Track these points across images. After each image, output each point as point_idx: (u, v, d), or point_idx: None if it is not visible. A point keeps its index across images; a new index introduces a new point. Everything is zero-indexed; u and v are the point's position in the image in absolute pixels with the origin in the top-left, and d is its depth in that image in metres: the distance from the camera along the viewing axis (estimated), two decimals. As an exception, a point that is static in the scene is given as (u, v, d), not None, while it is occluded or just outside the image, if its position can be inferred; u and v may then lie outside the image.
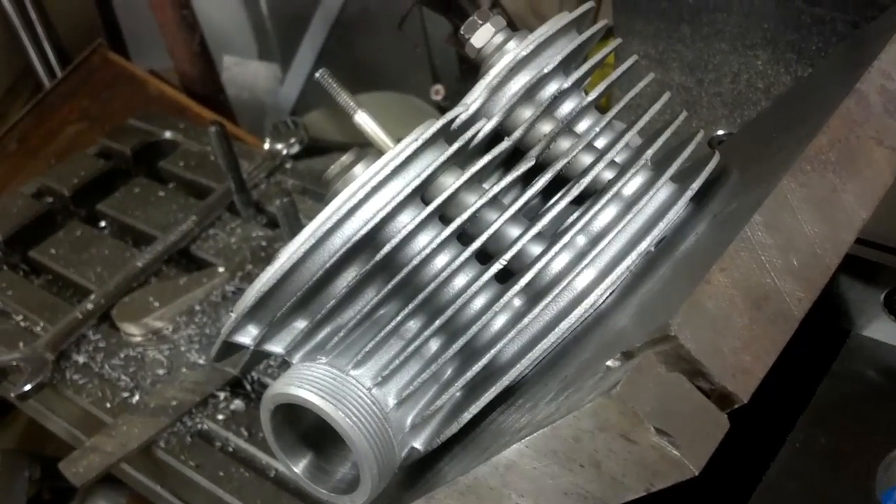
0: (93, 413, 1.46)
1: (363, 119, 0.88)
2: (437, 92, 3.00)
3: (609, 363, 0.55)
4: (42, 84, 2.98)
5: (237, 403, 1.40)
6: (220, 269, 1.61)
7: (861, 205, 0.60)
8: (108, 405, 1.46)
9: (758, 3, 1.51)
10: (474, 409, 0.72)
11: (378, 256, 0.72)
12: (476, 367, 0.72)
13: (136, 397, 1.45)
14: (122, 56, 3.04)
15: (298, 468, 0.77)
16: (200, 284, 1.57)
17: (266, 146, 1.92)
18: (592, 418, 0.52)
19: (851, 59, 0.80)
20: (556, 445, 0.55)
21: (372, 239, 0.74)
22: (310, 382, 0.72)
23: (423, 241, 0.75)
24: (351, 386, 0.72)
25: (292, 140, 1.91)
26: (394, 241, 0.72)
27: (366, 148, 0.82)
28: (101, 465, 1.34)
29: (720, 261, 0.54)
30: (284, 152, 1.91)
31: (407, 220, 0.74)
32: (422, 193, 0.77)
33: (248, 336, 0.77)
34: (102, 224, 1.93)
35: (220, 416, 1.39)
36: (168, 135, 2.09)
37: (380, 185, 0.73)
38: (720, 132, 1.14)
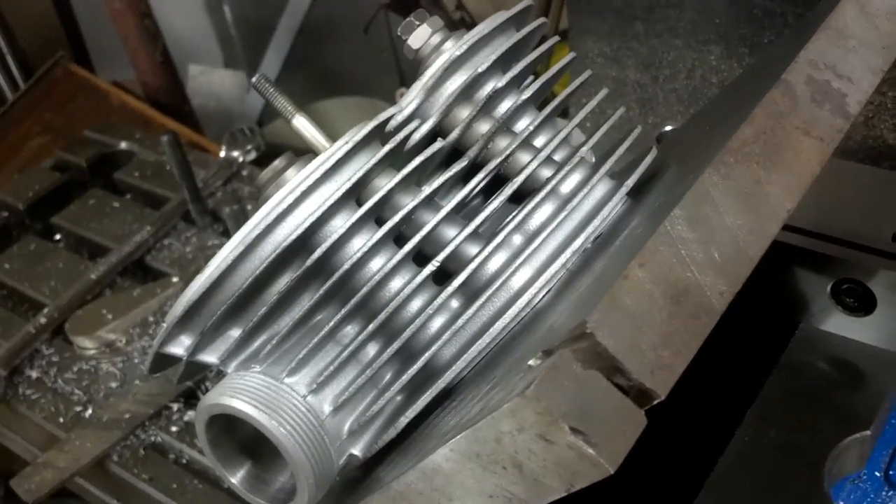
0: (46, 428, 1.44)
1: (301, 124, 0.87)
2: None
3: (531, 362, 0.54)
4: (5, 98, 2.95)
5: (191, 415, 1.39)
6: (175, 280, 1.59)
7: (787, 196, 0.59)
8: (62, 420, 1.44)
9: (709, -2, 1.51)
10: (411, 412, 0.71)
11: (309, 261, 0.71)
12: (411, 371, 0.71)
13: (90, 411, 1.43)
14: (86, 68, 3.02)
15: (236, 478, 0.75)
16: (154, 295, 1.56)
17: (222, 154, 1.90)
18: (511, 419, 0.51)
19: (792, 47, 0.80)
20: (479, 448, 0.54)
21: (305, 243, 0.73)
22: (242, 392, 0.70)
23: (358, 244, 0.74)
24: (285, 394, 0.71)
25: (248, 147, 1.90)
26: (325, 245, 0.71)
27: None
28: (54, 480, 1.32)
29: (639, 256, 0.54)
30: (241, 160, 1.90)
31: (341, 224, 0.73)
32: (358, 197, 0.76)
33: (180, 346, 0.75)
34: (58, 237, 1.91)
35: (174, 428, 1.37)
36: (124, 145, 2.08)
37: (310, 189, 0.72)
38: (668, 128, 1.13)
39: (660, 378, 0.50)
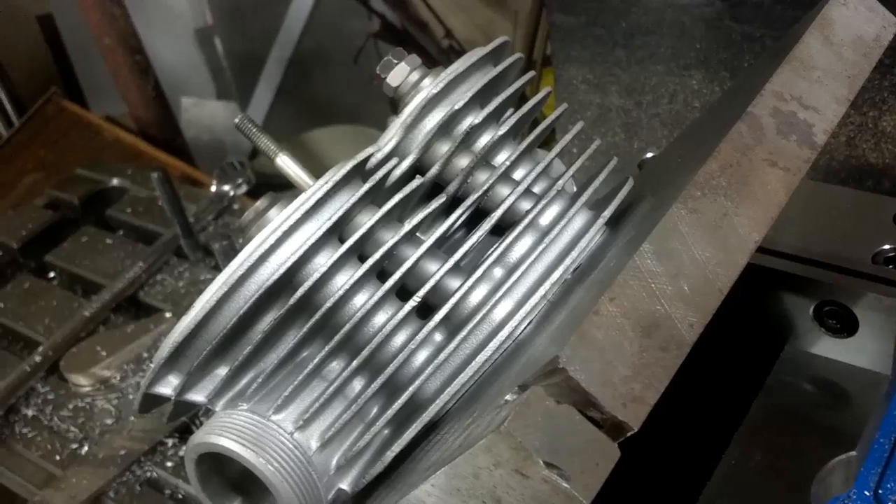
0: (42, 466, 1.44)
1: (285, 162, 0.88)
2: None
3: (507, 397, 0.55)
4: (-1, 135, 2.97)
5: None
6: (168, 315, 1.60)
7: (754, 227, 0.61)
8: (58, 457, 1.45)
9: (689, 24, 1.53)
10: (397, 447, 0.72)
11: (292, 300, 0.72)
12: (396, 405, 0.72)
13: (86, 448, 1.44)
14: (79, 103, 3.04)
15: (227, 515, 0.76)
16: (148, 331, 1.56)
17: (213, 188, 1.92)
18: (487, 455, 0.52)
19: (764, 73, 0.81)
20: (458, 483, 0.55)
21: (289, 282, 0.74)
22: (230, 430, 0.71)
23: (341, 280, 0.75)
24: (272, 431, 0.72)
25: (239, 181, 1.91)
26: (307, 284, 0.72)
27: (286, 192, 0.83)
28: (51, 520, 1.33)
29: (609, 290, 0.55)
30: (232, 193, 1.91)
31: (324, 262, 0.74)
32: (340, 235, 0.77)
33: (168, 386, 0.76)
34: (52, 275, 1.92)
35: (169, 464, 1.38)
36: (115, 182, 2.09)
37: (292, 229, 0.74)
38: (649, 154, 1.15)
39: (632, 411, 0.51)
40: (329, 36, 3.76)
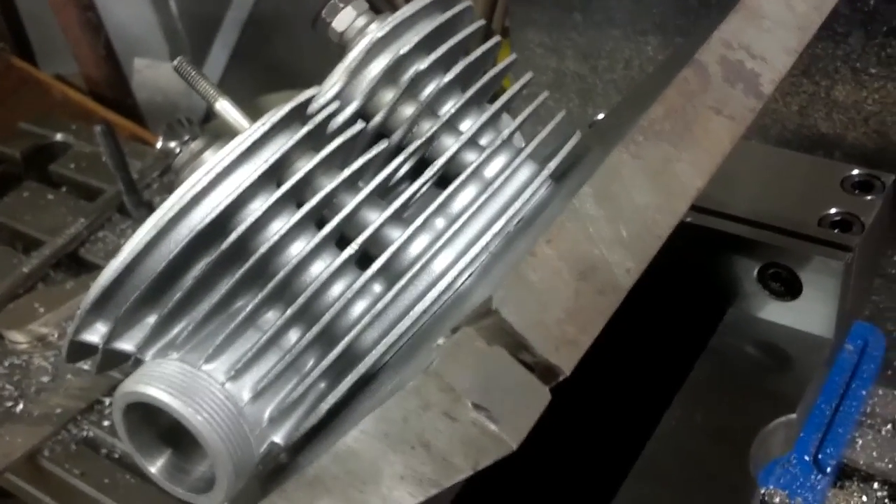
0: (-25, 425, 1.41)
1: (224, 107, 0.86)
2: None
3: (439, 341, 0.54)
4: (-56, 95, 2.88)
5: (123, 408, 1.36)
6: (109, 272, 1.56)
7: (696, 174, 0.60)
8: (-8, 416, 1.41)
9: (646, -11, 1.52)
10: (331, 398, 0.71)
11: (224, 245, 0.70)
12: (331, 355, 0.71)
13: (21, 406, 1.40)
14: (29, 61, 2.97)
15: (155, 468, 0.74)
16: (87, 288, 1.52)
17: (158, 145, 1.87)
18: (416, 397, 0.50)
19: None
20: (387, 428, 0.53)
21: (223, 227, 0.72)
22: (157, 379, 0.69)
23: (276, 226, 0.73)
24: (201, 381, 0.70)
25: (186, 137, 1.86)
26: (241, 228, 0.70)
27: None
28: (-17, 477, 1.30)
29: (546, 232, 0.54)
30: (178, 150, 1.86)
31: (259, 207, 0.72)
32: (279, 180, 0.75)
33: (95, 334, 0.74)
34: (-8, 231, 1.87)
35: (106, 423, 1.35)
36: (59, 137, 2.03)
37: (227, 171, 0.72)
38: (600, 116, 1.13)
39: (565, 354, 0.50)
40: (287, -1, 3.69)
